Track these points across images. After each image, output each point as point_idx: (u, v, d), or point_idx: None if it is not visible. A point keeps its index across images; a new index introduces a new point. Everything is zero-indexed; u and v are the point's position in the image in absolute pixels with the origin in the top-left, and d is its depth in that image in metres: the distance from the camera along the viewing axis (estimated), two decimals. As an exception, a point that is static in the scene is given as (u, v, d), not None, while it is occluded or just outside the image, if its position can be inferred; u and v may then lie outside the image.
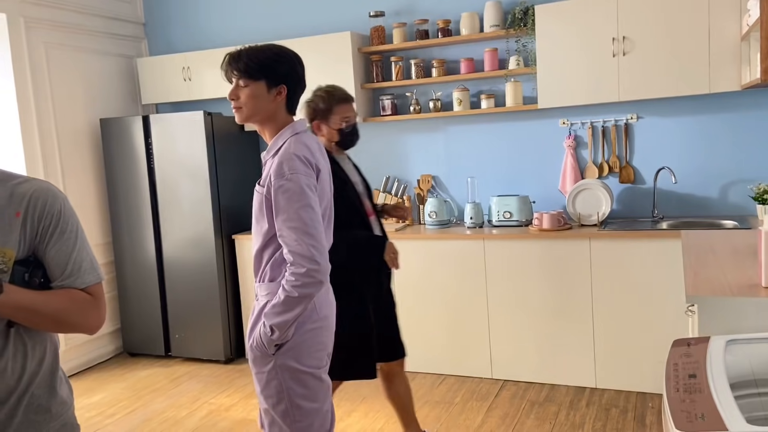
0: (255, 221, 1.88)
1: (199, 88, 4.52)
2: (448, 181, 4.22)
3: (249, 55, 1.80)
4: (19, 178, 1.36)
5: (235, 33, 4.61)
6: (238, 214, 4.41)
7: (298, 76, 1.86)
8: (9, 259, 1.30)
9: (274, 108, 1.84)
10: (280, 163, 1.77)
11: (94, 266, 1.39)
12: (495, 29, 3.81)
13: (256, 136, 4.67)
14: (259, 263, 1.90)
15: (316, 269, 1.74)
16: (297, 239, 1.73)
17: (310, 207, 1.76)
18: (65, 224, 1.34)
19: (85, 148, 4.46)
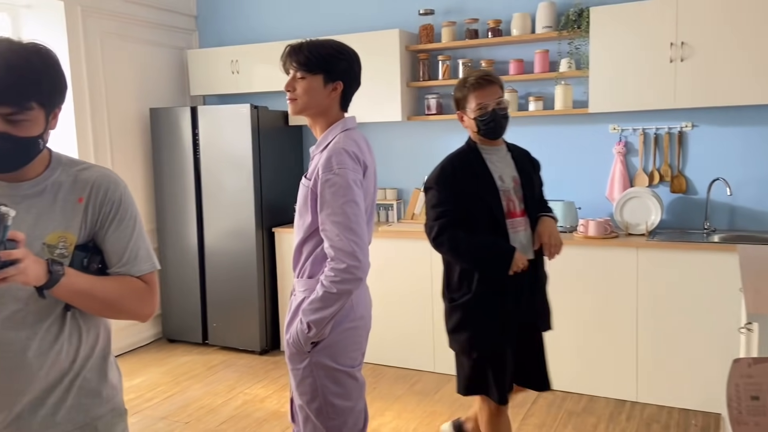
0: (298, 214, 1.87)
1: (247, 82, 4.54)
2: (492, 183, 4.13)
3: (310, 48, 1.79)
4: (83, 164, 1.37)
5: (284, 28, 4.62)
6: (279, 207, 4.42)
7: (354, 74, 1.86)
8: (70, 244, 1.31)
9: (328, 103, 1.83)
10: (329, 157, 1.75)
11: (150, 255, 1.39)
12: (547, 30, 3.72)
13: (299, 130, 4.67)
14: (298, 257, 1.88)
15: (356, 266, 1.71)
16: (339, 234, 1.71)
17: (355, 202, 1.74)
18: (125, 212, 1.35)
19: (134, 136, 4.53)
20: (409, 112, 4.16)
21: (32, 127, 1.21)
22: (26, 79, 1.18)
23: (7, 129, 1.20)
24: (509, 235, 2.26)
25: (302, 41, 1.83)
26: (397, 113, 4.04)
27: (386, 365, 3.98)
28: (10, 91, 1.16)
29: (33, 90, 1.19)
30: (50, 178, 1.31)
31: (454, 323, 2.34)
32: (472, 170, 2.27)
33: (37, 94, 1.20)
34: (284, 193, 4.47)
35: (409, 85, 4.11)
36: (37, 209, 1.29)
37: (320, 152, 1.83)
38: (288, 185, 4.55)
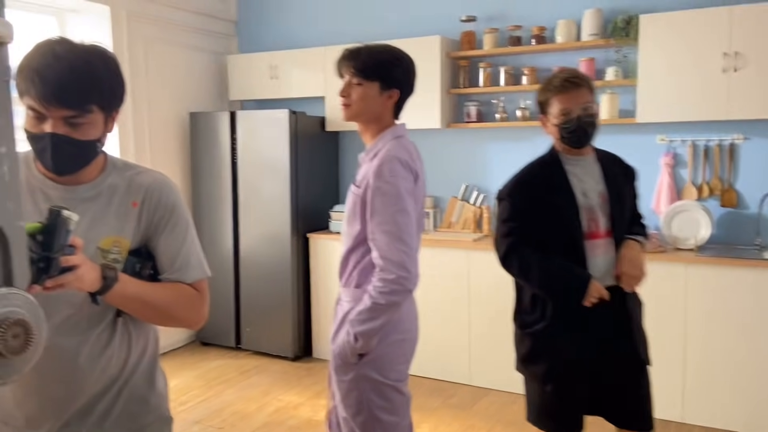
0: (347, 222, 1.84)
1: (286, 87, 4.53)
2: (532, 193, 4.05)
3: (368, 54, 1.77)
4: (138, 168, 1.36)
5: (323, 34, 4.61)
6: (314, 213, 4.40)
7: (410, 82, 1.83)
8: (124, 248, 1.30)
9: (382, 110, 1.80)
10: (381, 165, 1.72)
11: (201, 262, 1.38)
12: (593, 38, 3.63)
13: (336, 136, 4.65)
14: (345, 266, 1.85)
15: (405, 276, 1.68)
16: (389, 243, 1.68)
17: (406, 212, 1.70)
18: (178, 217, 1.34)
19: (173, 139, 4.56)
20: (449, 120, 4.10)
21: (92, 129, 1.20)
22: (88, 81, 1.17)
23: (67, 131, 1.19)
24: (587, 258, 1.97)
25: (360, 46, 1.80)
26: (436, 120, 3.99)
27: (421, 376, 3.91)
28: (72, 93, 1.15)
29: (94, 93, 1.18)
30: (105, 181, 1.30)
31: (525, 351, 2.08)
32: (552, 183, 2.01)
33: (97, 97, 1.19)
34: (320, 198, 4.45)
35: (449, 92, 4.06)
36: (92, 213, 1.27)
37: (370, 160, 1.80)
38: (324, 191, 4.53)
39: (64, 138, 1.18)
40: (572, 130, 1.99)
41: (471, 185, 4.22)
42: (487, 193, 4.16)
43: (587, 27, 3.66)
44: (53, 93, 1.13)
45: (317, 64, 4.37)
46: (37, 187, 1.27)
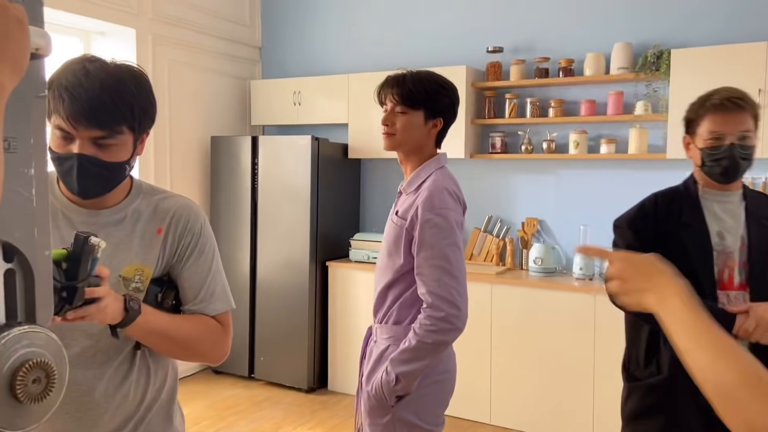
0: (387, 255, 1.77)
1: (308, 113, 4.51)
2: (557, 226, 3.98)
3: (413, 82, 1.72)
4: (164, 193, 1.33)
5: (348, 60, 4.59)
6: (334, 241, 4.34)
7: (454, 111, 1.79)
8: (146, 277, 1.25)
9: (425, 140, 1.76)
10: (430, 196, 1.66)
11: (226, 293, 1.33)
12: (623, 72, 3.58)
13: (358, 164, 4.60)
14: (383, 301, 1.78)
15: (455, 315, 1.60)
16: (438, 279, 1.61)
17: (457, 246, 1.65)
18: (203, 245, 1.30)
19: (195, 163, 4.53)
20: (473, 150, 4.05)
21: (121, 152, 1.17)
22: (119, 101, 1.14)
23: (96, 153, 1.15)
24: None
25: (404, 72, 1.75)
26: (460, 150, 3.93)
27: (439, 413, 3.77)
28: (102, 113, 1.12)
29: (125, 113, 1.15)
30: (130, 206, 1.27)
31: (634, 408, 1.76)
32: (681, 217, 1.71)
33: (128, 117, 1.16)
34: (340, 226, 4.40)
35: (473, 122, 4.02)
36: (115, 239, 1.23)
37: (414, 190, 1.74)
38: (345, 219, 4.47)
39: (92, 159, 1.14)
40: (719, 158, 1.66)
41: (494, 216, 4.15)
42: (510, 225, 4.08)
43: (616, 60, 3.61)
44: (83, 112, 1.10)
45: (341, 90, 4.34)
46: (59, 210, 1.23)
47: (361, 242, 4.19)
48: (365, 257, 4.11)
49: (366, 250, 4.12)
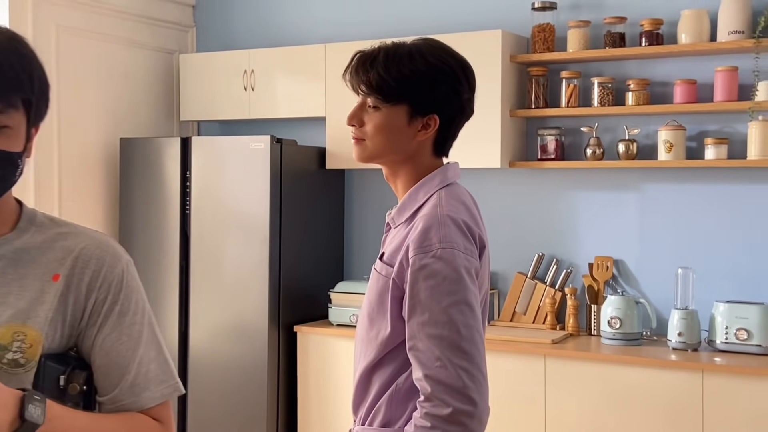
0: (368, 320, 1.78)
1: (266, 102, 4.55)
2: (642, 270, 4.02)
3: (388, 63, 1.70)
4: (67, 226, 1.36)
5: (325, 25, 4.64)
6: (306, 295, 4.38)
7: (461, 102, 1.76)
8: (30, 345, 1.25)
9: (414, 146, 1.75)
10: (426, 229, 1.65)
11: (166, 371, 1.35)
12: (736, 38, 3.64)
13: (342, 177, 4.60)
14: (364, 392, 1.78)
15: (468, 411, 1.58)
16: (441, 357, 1.59)
17: (468, 305, 1.62)
18: (127, 301, 1.32)
19: (95, 177, 4.54)
20: (513, 155, 4.08)
21: (12, 137, 1.23)
22: (16, 64, 1.21)
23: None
24: None
25: (379, 48, 1.74)
26: (495, 156, 3.97)
27: None
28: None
29: (23, 81, 1.21)
30: (15, 240, 1.30)
31: None
32: None
33: (27, 89, 1.22)
34: (315, 272, 4.43)
35: (513, 114, 4.06)
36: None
37: (406, 221, 1.75)
38: (322, 260, 4.50)
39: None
40: None
41: (547, 256, 4.17)
42: (572, 268, 4.11)
43: (727, 21, 3.67)
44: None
45: (315, 68, 4.37)
46: None
47: (345, 296, 4.19)
48: (353, 318, 4.09)
49: (353, 307, 4.09)
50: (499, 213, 4.24)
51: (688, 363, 3.46)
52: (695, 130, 3.85)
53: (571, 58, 3.97)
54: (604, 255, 4.04)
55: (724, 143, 3.71)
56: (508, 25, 4.11)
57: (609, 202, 4.05)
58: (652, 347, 3.71)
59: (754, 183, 3.78)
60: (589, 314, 3.99)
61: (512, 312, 4.13)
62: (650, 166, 3.86)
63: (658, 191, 3.97)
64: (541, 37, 4.02)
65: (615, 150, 3.93)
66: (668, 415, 3.44)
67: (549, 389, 3.65)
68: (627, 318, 3.74)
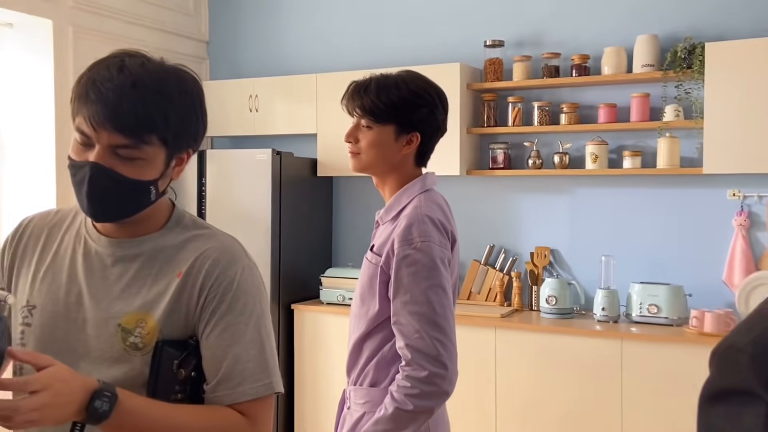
0: (360, 300, 1.79)
1: (268, 122, 4.52)
2: (573, 258, 4.03)
3: (378, 90, 1.73)
4: (204, 228, 1.29)
5: (317, 57, 4.63)
6: (302, 279, 4.34)
7: (437, 122, 1.80)
8: (148, 332, 1.18)
9: (400, 159, 1.78)
10: (408, 226, 1.68)
11: (264, 371, 1.20)
12: (648, 70, 3.66)
13: (331, 183, 4.62)
14: (357, 358, 1.79)
15: (441, 374, 1.60)
16: (419, 330, 1.61)
17: (442, 288, 1.66)
18: (236, 301, 1.20)
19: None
20: (469, 165, 4.09)
21: (146, 168, 1.16)
22: (151, 105, 1.12)
23: (114, 164, 1.13)
24: None
25: (370, 78, 1.78)
26: (454, 166, 3.97)
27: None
28: (129, 116, 1.11)
29: (157, 121, 1.13)
30: (158, 240, 1.25)
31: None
32: None
33: (160, 127, 1.14)
34: (309, 260, 4.41)
35: (470, 131, 4.07)
36: (129, 278, 1.22)
37: (391, 219, 1.77)
38: (314, 251, 4.48)
39: (108, 172, 1.13)
40: None
41: (497, 246, 4.18)
42: (517, 256, 4.11)
43: (640, 56, 3.69)
44: (106, 112, 1.10)
45: (308, 94, 4.37)
46: (83, 236, 1.26)
47: (334, 279, 4.18)
48: (339, 298, 4.10)
49: (341, 289, 4.11)
50: (458, 212, 4.21)
51: (609, 332, 3.48)
52: (615, 144, 3.88)
53: (516, 86, 3.98)
54: (542, 245, 4.07)
55: (638, 155, 3.73)
56: (465, 59, 4.13)
57: (547, 202, 4.08)
58: (581, 320, 3.74)
59: (662, 187, 3.83)
60: (530, 293, 4.02)
61: (469, 292, 4.16)
62: (580, 173, 3.88)
63: (586, 194, 4.00)
64: (491, 69, 4.04)
65: (551, 161, 3.96)
66: (594, 375, 3.46)
67: (498, 355, 3.67)
68: (561, 296, 3.76)
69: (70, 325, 1.21)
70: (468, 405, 3.71)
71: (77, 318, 1.21)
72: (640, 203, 3.86)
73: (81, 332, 1.20)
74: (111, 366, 1.18)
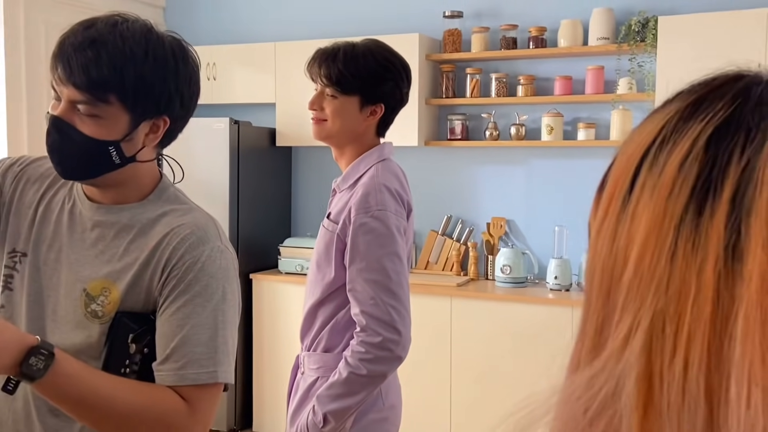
0: (316, 267, 1.80)
1: (226, 90, 4.47)
2: (528, 228, 4.08)
3: (346, 61, 1.72)
4: (183, 204, 1.28)
5: (276, 26, 4.58)
6: (260, 249, 4.33)
7: (401, 95, 1.81)
8: (111, 302, 1.18)
9: (362, 129, 1.78)
10: (365, 195, 1.69)
11: (212, 358, 1.15)
12: (603, 43, 3.70)
13: (290, 153, 4.60)
14: (311, 324, 1.80)
15: (395, 340, 1.63)
16: (374, 297, 1.63)
17: (397, 256, 1.67)
18: (197, 282, 1.16)
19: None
20: (428, 136, 4.11)
21: (105, 127, 1.14)
22: (105, 63, 1.10)
23: (73, 120, 1.14)
24: None
25: (337, 46, 1.76)
26: (412, 137, 3.98)
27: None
28: (80, 72, 1.10)
29: (115, 80, 1.11)
30: (137, 210, 1.24)
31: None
32: None
33: (119, 87, 1.12)
34: (267, 230, 4.40)
35: (428, 102, 4.08)
36: (103, 245, 1.22)
37: (348, 188, 1.78)
38: (273, 221, 4.47)
39: (65, 126, 1.13)
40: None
41: (454, 217, 4.22)
42: (474, 227, 4.16)
43: (596, 29, 3.72)
44: (66, 67, 1.11)
45: (266, 62, 4.33)
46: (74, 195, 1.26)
47: (292, 249, 4.18)
48: (298, 267, 4.11)
49: (299, 258, 4.12)
50: (416, 182, 4.25)
51: (562, 300, 3.56)
52: (570, 116, 3.92)
53: (474, 58, 4.00)
54: (498, 216, 4.10)
55: (592, 127, 3.78)
56: (424, 30, 4.12)
57: (503, 173, 4.11)
58: (534, 288, 3.80)
59: (615, 159, 3.92)
60: (486, 263, 4.06)
61: (426, 261, 4.20)
62: (535, 145, 3.92)
63: (541, 165, 4.05)
64: (450, 40, 4.04)
65: (508, 132, 3.98)
66: (547, 340, 3.51)
67: (454, 322, 3.72)
68: (516, 266, 3.81)
69: (45, 281, 1.23)
70: (424, 371, 3.77)
71: (52, 275, 1.22)
72: (594, 175, 3.80)
73: (53, 290, 1.21)
74: (72, 330, 1.19)
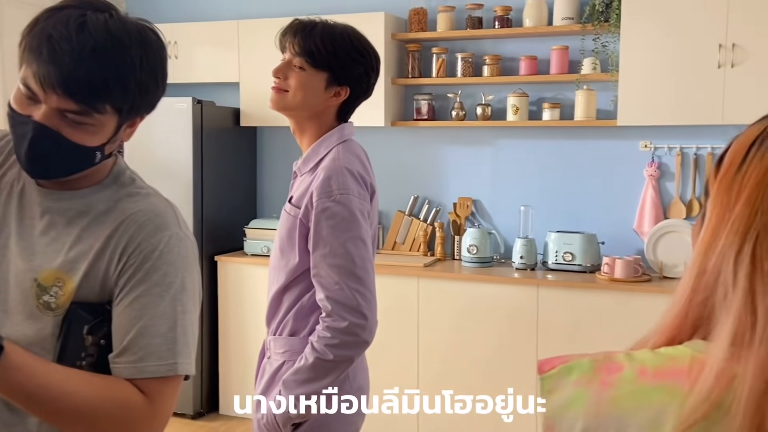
0: (279, 252, 1.78)
1: (188, 69, 4.39)
2: (494, 208, 4.11)
3: (323, 36, 1.70)
4: (141, 188, 1.21)
5: (241, 3, 4.51)
6: (225, 231, 4.30)
7: (368, 84, 1.79)
8: (65, 293, 1.12)
9: (322, 108, 1.76)
10: (327, 178, 1.67)
11: (171, 350, 1.11)
12: (567, 23, 3.72)
13: (255, 133, 4.56)
14: (276, 308, 1.79)
15: (360, 324, 1.62)
16: (339, 282, 1.62)
17: (361, 240, 1.66)
18: (155, 271, 1.12)
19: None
20: (394, 117, 4.10)
21: (94, 134, 1.10)
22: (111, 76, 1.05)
23: (60, 127, 1.06)
24: None
25: (316, 21, 1.74)
26: (378, 117, 3.97)
27: None
28: (84, 86, 1.04)
29: (114, 92, 1.07)
30: (90, 196, 1.17)
31: None
32: None
33: (117, 97, 1.08)
34: (232, 212, 4.36)
35: (394, 82, 4.06)
36: (54, 233, 1.15)
37: (309, 171, 1.76)
38: (237, 202, 4.43)
39: (53, 135, 1.06)
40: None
41: (421, 197, 4.22)
42: (440, 207, 4.17)
43: (560, 9, 3.74)
44: (59, 77, 1.02)
45: (229, 41, 4.27)
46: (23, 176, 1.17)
47: (258, 231, 4.16)
48: (264, 249, 4.09)
49: (265, 240, 4.09)
50: (383, 163, 4.26)
51: (527, 279, 3.59)
52: (536, 96, 3.94)
53: (440, 37, 3.98)
54: (465, 196, 4.12)
55: (557, 107, 3.80)
56: (390, 9, 4.09)
57: (469, 153, 4.13)
58: (500, 268, 3.83)
59: (579, 139, 3.92)
60: (453, 243, 4.09)
61: (393, 242, 4.20)
62: (501, 125, 3.94)
63: (507, 145, 4.06)
64: (416, 19, 4.02)
65: (474, 112, 3.99)
66: (512, 319, 3.57)
67: (421, 302, 3.73)
68: (482, 245, 3.84)
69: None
70: (391, 351, 3.78)
71: (2, 262, 1.16)
72: (559, 154, 3.96)
73: (2, 279, 1.16)
74: (24, 321, 1.13)
